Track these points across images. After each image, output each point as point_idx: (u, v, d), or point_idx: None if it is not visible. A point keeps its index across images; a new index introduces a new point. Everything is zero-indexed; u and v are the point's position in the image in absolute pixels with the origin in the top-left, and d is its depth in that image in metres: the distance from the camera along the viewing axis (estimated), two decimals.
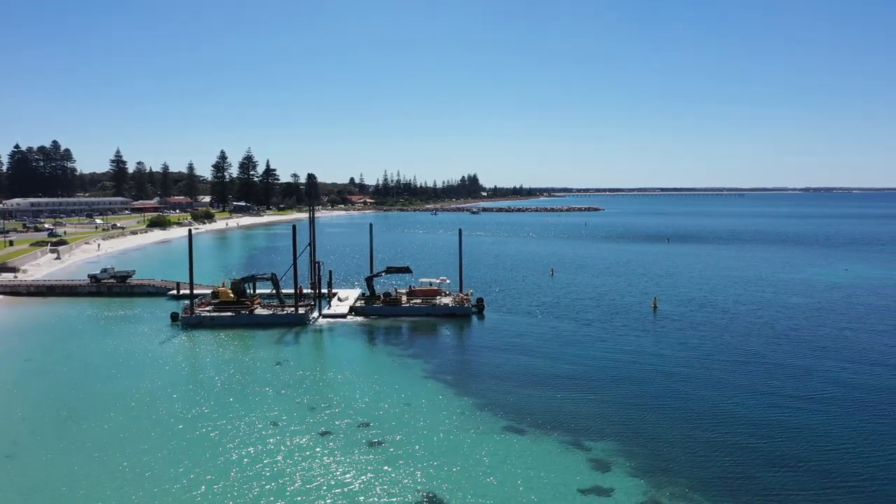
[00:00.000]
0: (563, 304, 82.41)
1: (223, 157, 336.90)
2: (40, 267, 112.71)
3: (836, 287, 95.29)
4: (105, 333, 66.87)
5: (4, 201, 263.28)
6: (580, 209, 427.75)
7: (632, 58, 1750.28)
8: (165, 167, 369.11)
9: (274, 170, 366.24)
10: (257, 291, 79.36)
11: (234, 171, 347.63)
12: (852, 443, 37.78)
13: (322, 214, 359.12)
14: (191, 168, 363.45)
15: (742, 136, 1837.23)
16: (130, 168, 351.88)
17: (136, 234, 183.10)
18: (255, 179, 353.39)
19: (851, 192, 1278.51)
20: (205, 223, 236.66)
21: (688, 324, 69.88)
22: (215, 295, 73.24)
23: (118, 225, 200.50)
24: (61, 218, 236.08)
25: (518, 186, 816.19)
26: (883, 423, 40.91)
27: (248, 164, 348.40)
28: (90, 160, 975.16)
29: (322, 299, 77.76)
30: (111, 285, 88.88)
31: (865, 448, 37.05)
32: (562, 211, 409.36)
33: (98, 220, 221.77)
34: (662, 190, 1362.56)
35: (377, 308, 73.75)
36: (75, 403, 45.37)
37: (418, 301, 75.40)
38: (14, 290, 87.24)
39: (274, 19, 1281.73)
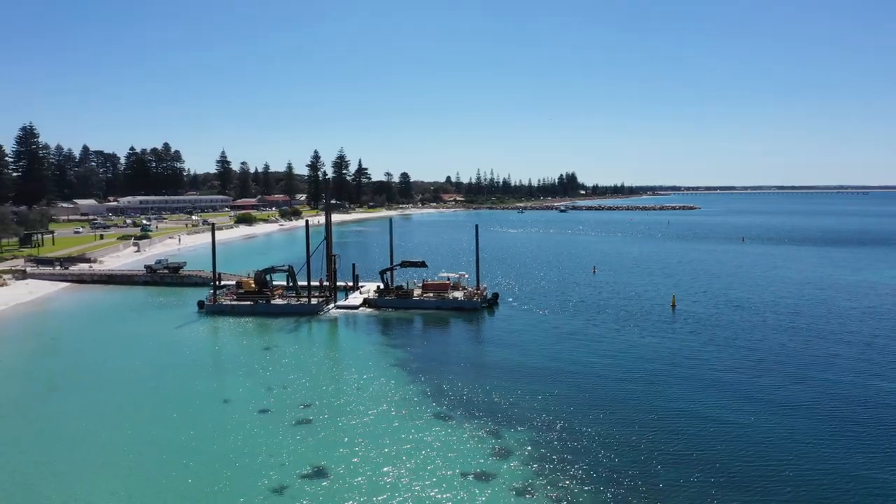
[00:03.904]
0: (588, 302, 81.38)
1: (316, 156, 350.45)
2: (119, 258, 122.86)
3: None
4: (135, 318, 72.92)
5: (118, 199, 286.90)
6: (673, 208, 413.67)
7: (748, 50, 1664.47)
8: (266, 167, 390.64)
9: (366, 169, 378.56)
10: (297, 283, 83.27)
11: (328, 170, 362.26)
12: (798, 453, 35.99)
13: (413, 212, 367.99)
14: (289, 167, 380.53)
15: (870, 132, 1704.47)
16: (235, 168, 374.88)
17: (222, 229, 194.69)
18: (348, 178, 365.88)
19: None
20: (291, 220, 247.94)
21: (703, 325, 67.29)
22: (239, 285, 78.05)
23: (208, 221, 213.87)
24: (166, 215, 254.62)
25: (619, 185, 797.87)
26: (829, 435, 38.62)
27: (340, 163, 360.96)
28: (203, 161, 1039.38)
29: (346, 291, 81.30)
30: (164, 275, 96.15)
31: (802, 459, 35.33)
32: (654, 209, 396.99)
33: (194, 217, 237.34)
34: (779, 188, 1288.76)
35: (388, 300, 76.06)
36: (67, 377, 50.52)
37: (430, 294, 77.04)
38: (79, 279, 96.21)
39: (372, 20, 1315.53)
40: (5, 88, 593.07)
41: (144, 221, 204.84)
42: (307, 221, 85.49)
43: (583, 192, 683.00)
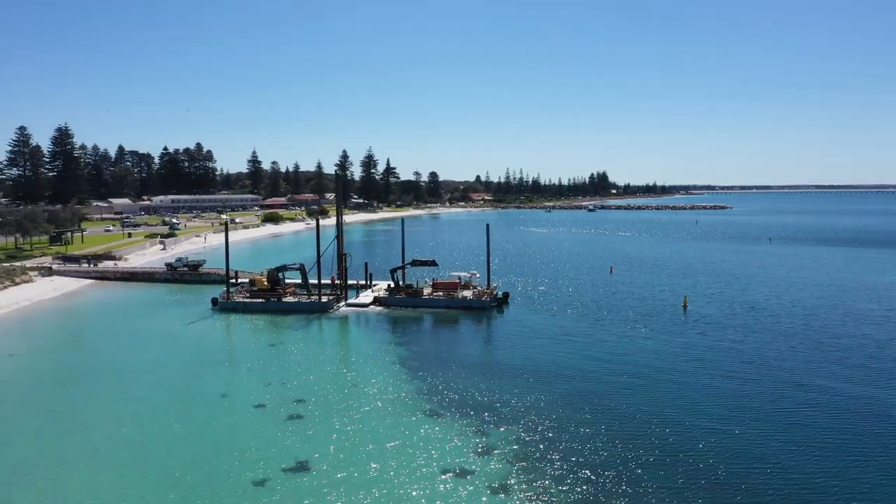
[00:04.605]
0: (600, 302, 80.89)
1: (345, 156, 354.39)
2: (144, 256, 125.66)
3: None
4: (150, 314, 74.60)
5: (152, 198, 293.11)
6: (704, 207, 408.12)
7: (785, 44, 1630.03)
8: (297, 166, 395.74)
9: (394, 168, 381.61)
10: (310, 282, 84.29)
11: (357, 169, 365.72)
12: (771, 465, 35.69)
13: (441, 211, 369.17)
14: (319, 167, 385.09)
15: None
16: (266, 167, 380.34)
17: (248, 228, 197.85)
18: (376, 177, 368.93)
19: None
20: (321, 219, 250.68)
21: (713, 327, 66.16)
22: (252, 283, 79.48)
23: (236, 220, 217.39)
24: (204, 214, 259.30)
25: (651, 184, 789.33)
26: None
27: (368, 162, 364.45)
28: (235, 160, 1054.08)
29: (358, 289, 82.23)
30: (183, 273, 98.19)
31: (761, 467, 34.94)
32: (684, 209, 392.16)
33: (223, 216, 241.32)
34: (817, 187, 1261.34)
35: (398, 299, 76.69)
36: (76, 372, 52.15)
37: (440, 293, 77.46)
38: (103, 276, 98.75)
39: (395, 22, 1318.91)
40: (47, 89, 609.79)
41: (174, 220, 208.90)
42: (318, 221, 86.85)
43: (614, 191, 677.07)
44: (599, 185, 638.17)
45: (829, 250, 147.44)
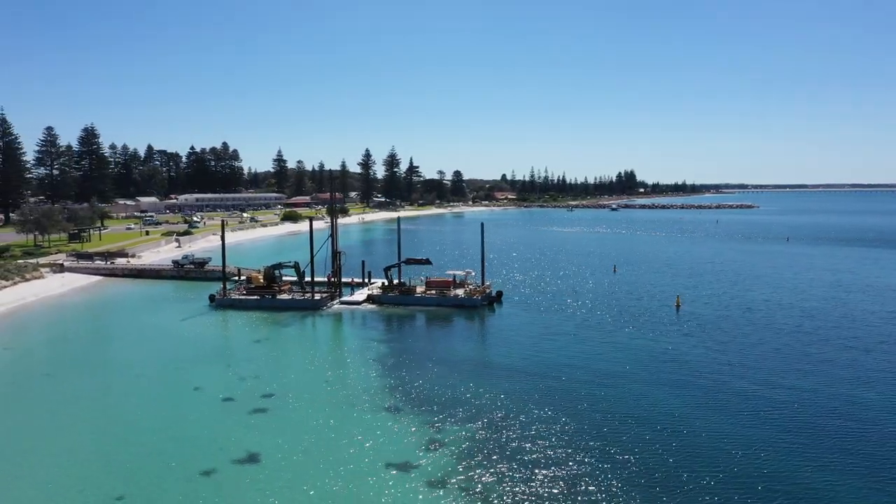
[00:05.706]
0: (596, 301, 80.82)
1: (367, 154, 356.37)
2: (159, 253, 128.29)
3: None
4: (149, 310, 76.52)
5: (177, 196, 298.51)
6: (730, 206, 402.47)
7: (822, 39, 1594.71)
8: (321, 165, 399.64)
9: (417, 167, 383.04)
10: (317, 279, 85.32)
11: (380, 168, 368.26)
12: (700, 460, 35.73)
13: (464, 209, 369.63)
14: (343, 166, 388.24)
15: None
16: (292, 166, 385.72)
17: (267, 226, 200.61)
18: (399, 176, 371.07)
19: None
20: (338, 217, 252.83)
21: (702, 327, 65.51)
22: (249, 280, 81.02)
23: (256, 218, 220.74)
24: (235, 212, 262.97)
25: (681, 183, 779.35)
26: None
27: (392, 161, 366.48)
28: (264, 159, 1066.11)
29: (353, 287, 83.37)
30: (190, 270, 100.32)
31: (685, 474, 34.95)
32: (709, 208, 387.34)
33: (245, 214, 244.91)
34: (853, 186, 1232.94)
35: (391, 297, 77.54)
36: (66, 365, 53.98)
37: (433, 292, 78.12)
38: (112, 272, 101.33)
39: (415, 22, 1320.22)
40: (73, 89, 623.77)
41: (195, 218, 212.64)
42: (311, 221, 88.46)
43: (642, 190, 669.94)
44: (626, 184, 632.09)
45: (847, 250, 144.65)
